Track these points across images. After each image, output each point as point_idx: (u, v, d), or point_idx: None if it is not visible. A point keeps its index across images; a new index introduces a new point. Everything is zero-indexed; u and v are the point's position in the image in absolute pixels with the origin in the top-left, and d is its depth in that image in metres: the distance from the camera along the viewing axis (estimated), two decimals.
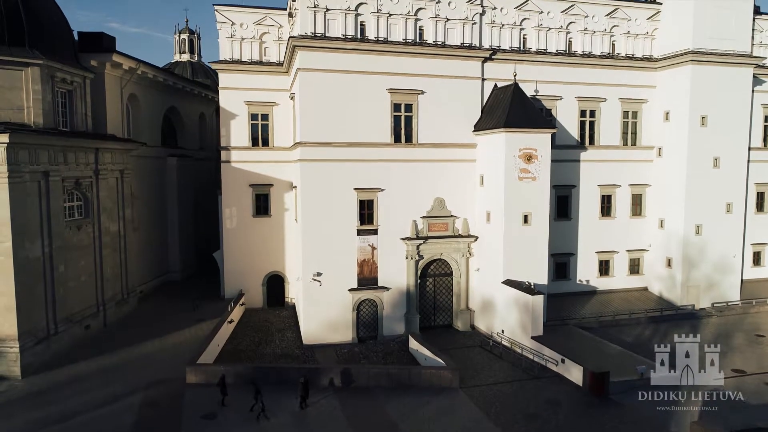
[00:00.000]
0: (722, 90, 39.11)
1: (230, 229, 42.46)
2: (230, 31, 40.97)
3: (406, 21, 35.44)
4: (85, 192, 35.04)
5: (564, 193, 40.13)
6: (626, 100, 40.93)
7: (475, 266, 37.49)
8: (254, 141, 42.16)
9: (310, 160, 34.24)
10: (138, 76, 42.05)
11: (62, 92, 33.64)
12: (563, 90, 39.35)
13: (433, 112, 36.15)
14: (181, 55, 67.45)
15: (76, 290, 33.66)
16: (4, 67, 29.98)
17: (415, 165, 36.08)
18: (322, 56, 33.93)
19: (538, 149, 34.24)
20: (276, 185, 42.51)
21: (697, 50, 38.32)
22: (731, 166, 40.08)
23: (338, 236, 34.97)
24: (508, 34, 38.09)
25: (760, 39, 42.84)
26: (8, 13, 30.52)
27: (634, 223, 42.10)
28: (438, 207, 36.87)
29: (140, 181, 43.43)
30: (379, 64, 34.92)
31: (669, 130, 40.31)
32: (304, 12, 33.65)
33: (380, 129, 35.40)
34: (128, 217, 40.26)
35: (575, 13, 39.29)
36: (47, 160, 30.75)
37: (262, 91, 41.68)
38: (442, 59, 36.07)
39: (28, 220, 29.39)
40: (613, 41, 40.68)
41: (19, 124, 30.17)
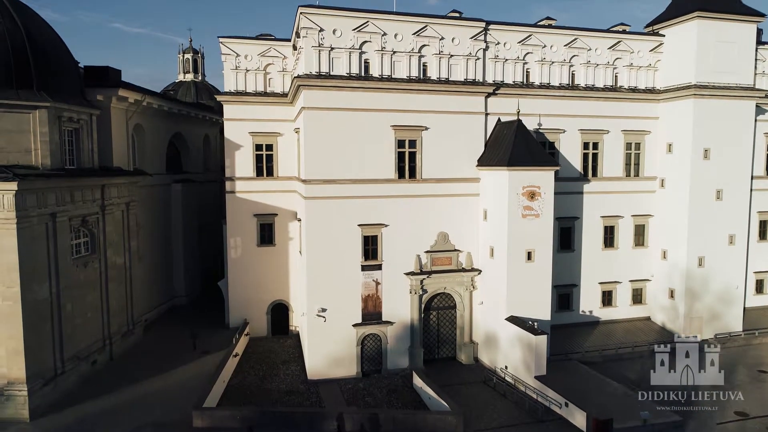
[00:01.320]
0: (725, 123, 39.28)
1: (235, 258, 42.73)
2: (235, 63, 41.27)
3: (410, 58, 35.66)
4: (92, 228, 35.31)
5: (567, 225, 40.32)
6: (629, 132, 41.10)
7: (479, 300, 37.69)
8: (259, 171, 42.47)
9: (315, 197, 34.47)
10: (143, 106, 42.34)
11: (69, 131, 33.88)
12: (566, 123, 39.54)
13: (436, 147, 36.36)
14: (185, 74, 67.73)
15: (82, 327, 33.93)
16: (13, 111, 30.23)
17: (419, 200, 36.29)
18: (326, 95, 34.17)
19: (541, 186, 34.42)
20: (280, 215, 42.78)
21: (700, 84, 38.50)
22: (734, 198, 40.22)
23: (342, 272, 35.19)
24: (511, 68, 38.29)
25: (762, 69, 42.92)
26: (16, 56, 30.77)
27: (637, 253, 42.27)
28: (442, 241, 37.08)
29: (145, 210, 43.74)
30: (383, 101, 35.14)
31: (672, 162, 40.47)
32: (308, 51, 33.88)
33: (384, 165, 35.62)
34: (134, 248, 40.56)
35: (578, 46, 39.47)
36: (55, 202, 31.02)
37: (267, 122, 42.02)
38: (446, 95, 36.30)
39: (35, 262, 29.65)
40: (616, 73, 40.85)
41: (26, 167, 30.41)
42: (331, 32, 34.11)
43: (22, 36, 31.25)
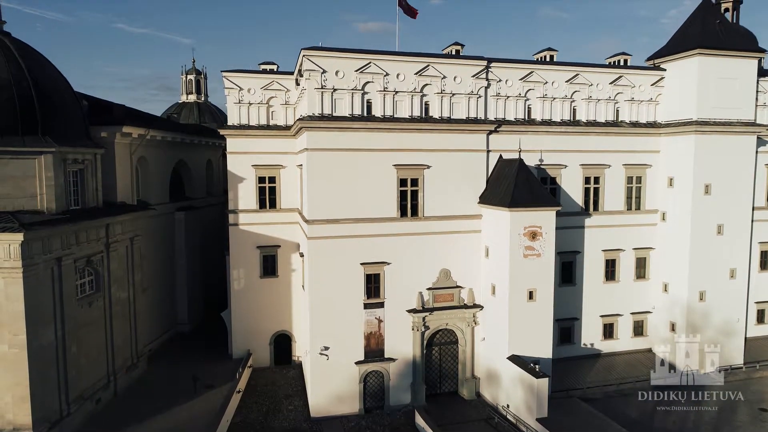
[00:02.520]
0: (726, 158, 39.46)
1: (238, 290, 42.98)
2: (238, 97, 41.50)
3: (412, 97, 35.89)
4: (96, 267, 35.55)
5: (568, 259, 40.52)
6: (630, 166, 41.30)
7: (481, 336, 37.91)
8: (261, 203, 42.68)
9: (318, 237, 34.70)
10: (147, 139, 42.62)
11: (74, 171, 34.15)
12: (568, 158, 39.73)
13: (438, 185, 36.59)
14: (188, 95, 68.04)
15: (87, 367, 34.15)
16: (18, 157, 30.53)
17: (421, 238, 36.52)
18: (329, 135, 34.41)
19: (542, 226, 34.60)
20: (283, 246, 43.01)
21: (701, 120, 38.67)
22: (735, 233, 40.40)
23: (345, 310, 35.44)
24: (513, 105, 38.50)
25: (763, 100, 43.02)
26: (22, 102, 31.08)
27: (638, 286, 42.47)
28: (444, 278, 37.30)
29: (149, 242, 43.96)
30: (385, 140, 35.38)
31: (673, 196, 40.64)
32: (311, 93, 34.12)
33: (386, 203, 35.85)
34: (137, 281, 40.78)
35: (579, 82, 39.66)
36: (60, 246, 31.24)
37: (270, 155, 42.21)
38: (448, 134, 36.54)
39: (41, 308, 29.89)
40: (617, 108, 41.03)
41: (32, 212, 30.74)
42: (334, 73, 34.36)
43: (27, 82, 31.56)
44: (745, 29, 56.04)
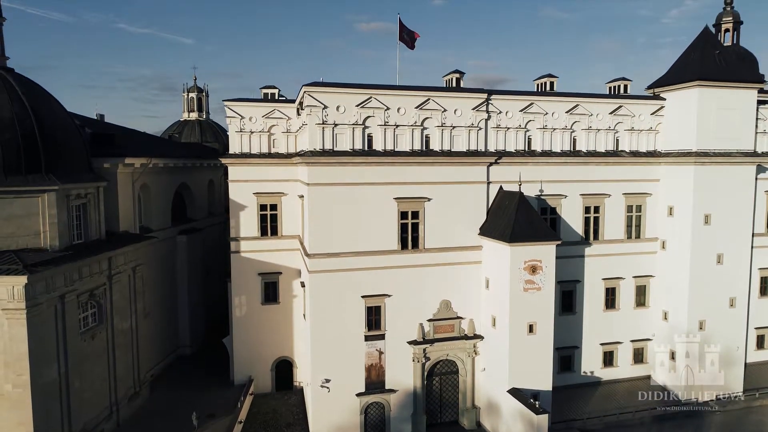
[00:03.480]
0: (726, 188, 39.58)
1: (239, 317, 43.19)
2: (239, 125, 41.71)
3: (413, 131, 36.07)
4: (99, 300, 35.79)
5: (569, 288, 40.69)
6: (630, 195, 41.43)
7: (481, 366, 38.07)
8: (263, 230, 42.84)
9: (320, 271, 34.89)
10: (149, 168, 42.85)
11: (77, 206, 34.39)
12: (568, 188, 39.88)
13: (439, 217, 36.76)
14: (190, 113, 68.27)
15: (90, 399, 34.40)
16: (22, 196, 30.80)
17: (421, 270, 36.70)
18: (330, 170, 34.59)
19: (542, 260, 34.76)
20: (284, 273, 43.17)
21: (701, 152, 38.81)
22: (735, 262, 40.54)
23: (346, 343, 35.63)
24: (513, 136, 38.67)
25: (764, 127, 43.10)
26: (25, 142, 31.33)
27: (638, 313, 42.62)
28: (444, 309, 37.49)
29: (151, 268, 44.19)
30: (386, 174, 35.56)
31: (673, 225, 40.78)
32: (313, 128, 34.32)
33: (387, 236, 36.04)
34: (140, 309, 41.04)
35: (579, 112, 39.82)
36: (63, 283, 31.46)
37: (271, 182, 42.38)
38: (449, 166, 36.69)
39: (44, 346, 30.12)
40: (617, 137, 41.18)
41: (35, 250, 31.03)
42: (335, 109, 34.56)
43: (31, 121, 31.81)
44: (746, 50, 56.37)
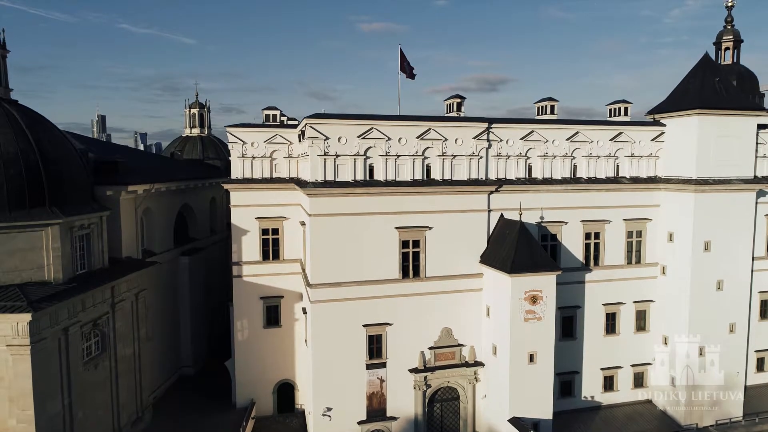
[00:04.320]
0: (725, 214, 39.72)
1: (241, 340, 43.39)
2: (242, 151, 41.91)
3: (414, 160, 36.30)
4: (102, 328, 35.96)
5: (569, 314, 40.86)
6: (630, 221, 41.59)
7: (482, 393, 38.30)
8: (265, 255, 43.02)
9: (322, 300, 35.14)
10: (152, 193, 43.07)
11: (80, 236, 34.61)
12: (568, 215, 40.06)
13: (440, 245, 36.99)
14: (192, 129, 68.51)
15: (93, 428, 34.60)
16: (26, 230, 31.02)
17: (422, 298, 36.94)
18: (332, 201, 34.84)
19: (543, 290, 34.96)
20: (286, 296, 43.36)
21: (701, 179, 38.96)
22: (735, 288, 40.68)
23: (348, 371, 35.90)
24: (513, 164, 38.87)
25: (764, 152, 43.17)
26: (29, 175, 31.54)
27: (639, 338, 42.77)
28: (445, 337, 37.72)
29: (154, 292, 44.32)
30: (387, 204, 35.79)
31: (673, 251, 40.94)
32: (314, 159, 34.55)
33: (388, 265, 36.28)
34: (143, 335, 41.22)
35: (580, 139, 40.02)
36: (67, 316, 31.64)
37: (273, 207, 42.57)
38: (450, 195, 36.90)
39: (48, 380, 30.29)
40: (618, 163, 41.36)
41: (39, 283, 31.26)
42: (337, 140, 34.80)
43: (35, 154, 32.06)
44: (746, 69, 56.48)
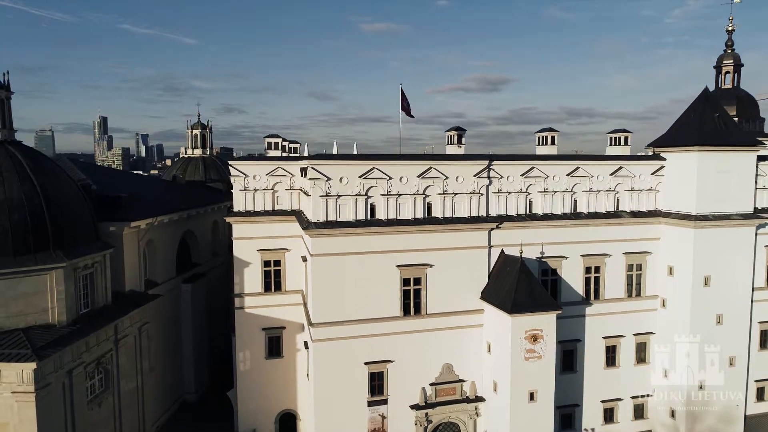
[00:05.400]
0: (725, 249, 39.88)
1: (243, 371, 43.62)
2: (244, 184, 42.12)
3: (415, 199, 36.52)
4: (106, 366, 36.29)
5: (569, 347, 41.02)
6: (630, 254, 41.74)
7: (483, 428, 38.49)
8: (267, 286, 43.20)
9: (323, 339, 35.38)
10: (155, 226, 43.36)
11: (84, 276, 34.90)
12: (569, 249, 40.25)
13: (441, 282, 37.20)
14: (194, 150, 68.80)
15: None
16: (30, 275, 31.32)
17: (423, 335, 37.16)
18: (334, 241, 35.06)
19: (543, 329, 35.15)
20: (288, 327, 43.51)
21: (700, 215, 39.13)
22: (734, 322, 40.86)
23: (350, 408, 36.11)
24: (514, 200, 39.08)
25: (763, 183, 43.30)
26: (33, 219, 31.91)
27: (639, 370, 42.89)
28: (446, 372, 37.94)
29: (156, 323, 44.63)
30: (389, 243, 36.01)
31: (672, 285, 41.12)
32: (316, 200, 34.79)
33: (390, 303, 36.50)
34: (146, 368, 41.54)
35: (580, 174, 40.23)
36: (71, 358, 31.99)
37: (275, 239, 42.70)
38: (451, 233, 37.12)
39: (53, 424, 30.63)
40: (618, 197, 41.54)
41: (43, 326, 31.58)
42: (338, 180, 35.03)
43: (39, 198, 32.38)
44: (746, 93, 56.68)
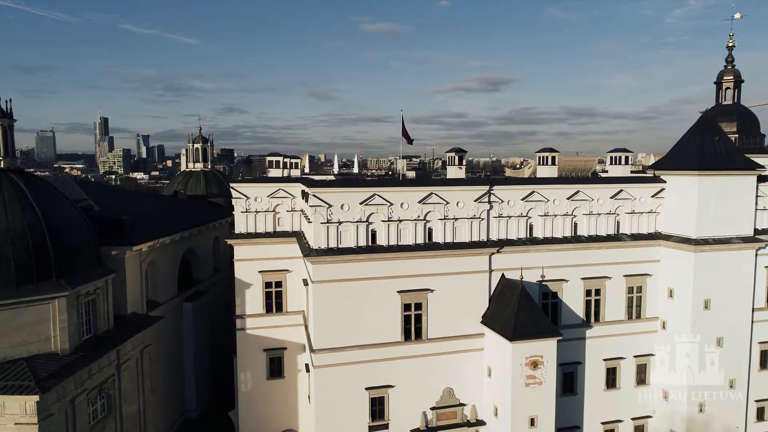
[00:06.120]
0: (725, 271, 40.03)
1: (245, 392, 43.80)
2: (245, 206, 42.33)
3: (416, 225, 36.70)
4: (108, 391, 36.36)
5: (570, 370, 41.15)
6: (631, 276, 41.87)
7: None
8: (268, 307, 43.44)
9: (325, 365, 35.56)
10: (157, 247, 43.51)
11: (86, 302, 35.01)
12: (569, 272, 40.38)
13: (442, 306, 37.38)
14: (195, 164, 69.01)
15: None
16: (33, 304, 31.44)
17: (424, 360, 37.33)
18: (335, 267, 35.26)
19: (544, 355, 35.29)
20: (289, 348, 43.73)
21: (700, 239, 39.26)
22: (735, 344, 40.99)
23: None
24: (515, 224, 39.23)
25: (763, 204, 43.37)
26: (36, 249, 31.94)
27: (639, 391, 42.99)
28: (447, 396, 38.09)
29: (158, 344, 44.71)
30: (389, 269, 36.19)
31: (673, 308, 41.25)
32: (317, 227, 34.96)
33: (391, 328, 36.70)
34: (147, 390, 41.63)
35: (580, 198, 40.37)
36: (73, 387, 32.02)
37: (276, 260, 42.92)
38: (452, 258, 37.26)
39: None
40: (618, 220, 41.69)
41: (46, 355, 31.68)
42: (339, 207, 35.22)
43: (42, 227, 32.46)
44: (746, 109, 56.78)
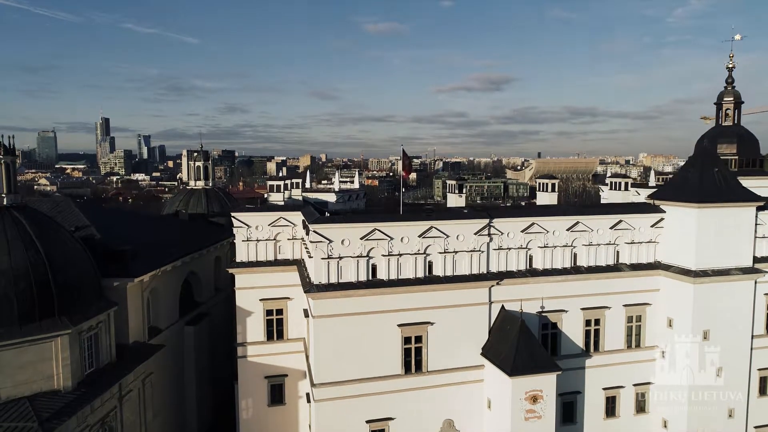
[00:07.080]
0: (725, 303, 40.17)
1: (246, 419, 44.06)
2: (246, 234, 42.57)
3: (416, 258, 36.86)
4: (110, 423, 36.61)
5: (569, 399, 41.29)
6: (630, 306, 42.03)
7: None
8: (269, 335, 43.69)
9: (325, 399, 35.74)
10: (158, 276, 43.71)
11: (88, 337, 35.24)
12: (568, 303, 40.54)
13: (442, 339, 37.54)
14: (196, 182, 69.20)
15: None
16: (36, 343, 31.68)
17: (424, 392, 37.49)
18: (335, 302, 35.44)
19: (543, 390, 35.46)
20: (290, 375, 43.97)
21: (700, 271, 39.40)
22: (734, 374, 41.09)
23: None
24: (515, 256, 39.40)
25: (762, 232, 43.46)
26: (38, 287, 32.17)
27: (638, 419, 43.12)
28: (447, 428, 38.26)
29: (159, 371, 44.93)
30: (390, 302, 36.36)
31: (672, 337, 41.37)
32: (318, 263, 35.14)
33: (391, 361, 36.85)
34: (149, 418, 41.88)
35: (580, 229, 40.51)
36: (76, 423, 32.26)
37: (277, 288, 43.16)
38: (452, 291, 37.45)
39: None
40: (618, 250, 41.83)
41: (49, 393, 31.92)
42: (340, 242, 35.38)
43: (44, 266, 32.68)
44: (746, 130, 56.94)
